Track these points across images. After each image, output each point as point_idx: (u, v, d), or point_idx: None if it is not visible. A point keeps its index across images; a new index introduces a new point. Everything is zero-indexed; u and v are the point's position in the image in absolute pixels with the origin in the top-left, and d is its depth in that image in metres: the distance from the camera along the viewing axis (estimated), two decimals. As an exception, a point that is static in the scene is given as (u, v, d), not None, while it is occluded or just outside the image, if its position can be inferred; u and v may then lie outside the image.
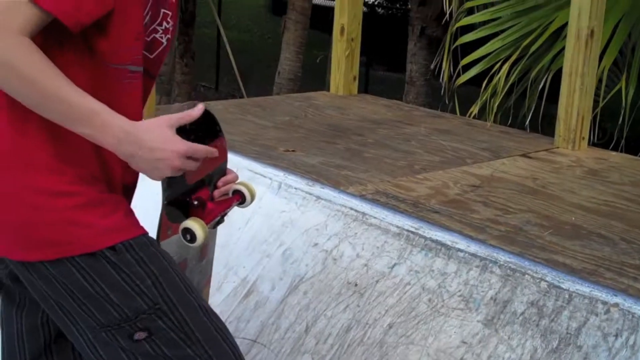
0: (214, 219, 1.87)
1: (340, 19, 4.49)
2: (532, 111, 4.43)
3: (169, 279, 1.67)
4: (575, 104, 3.54)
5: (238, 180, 1.96)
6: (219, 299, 2.57)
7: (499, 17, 4.73)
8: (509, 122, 4.50)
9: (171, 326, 1.65)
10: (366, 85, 9.91)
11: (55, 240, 1.60)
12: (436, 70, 5.15)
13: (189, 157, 1.59)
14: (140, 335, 1.64)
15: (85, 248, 1.61)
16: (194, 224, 1.74)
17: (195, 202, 1.84)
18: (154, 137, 1.56)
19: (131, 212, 1.73)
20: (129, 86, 1.67)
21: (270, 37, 15.10)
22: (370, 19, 9.99)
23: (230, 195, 1.95)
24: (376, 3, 13.48)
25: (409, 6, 7.42)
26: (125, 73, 1.65)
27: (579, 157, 3.45)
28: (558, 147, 3.57)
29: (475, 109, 4.32)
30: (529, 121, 4.42)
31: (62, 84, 1.51)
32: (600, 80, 4.01)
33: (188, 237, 1.74)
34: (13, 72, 1.48)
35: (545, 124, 4.33)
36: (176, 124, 1.60)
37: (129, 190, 1.80)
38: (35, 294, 1.70)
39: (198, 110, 1.65)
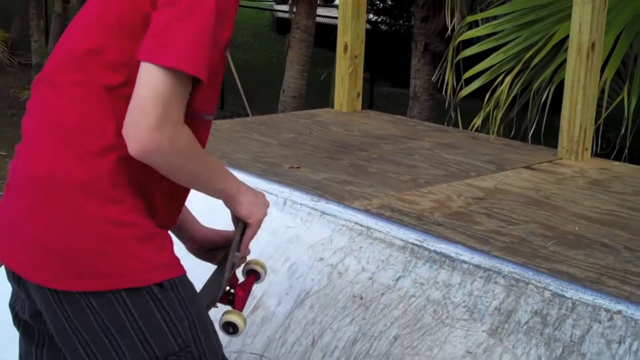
0: (244, 305, 1.92)
1: (343, 37, 4.51)
2: (534, 123, 4.45)
3: (202, 322, 1.68)
4: (577, 116, 3.55)
5: (249, 258, 1.99)
6: (226, 315, 2.59)
7: (501, 31, 4.75)
8: (512, 134, 4.52)
9: None
10: (370, 102, 9.96)
11: (106, 271, 1.57)
12: (439, 84, 5.17)
13: None
14: None
15: (134, 282, 1.58)
16: (235, 318, 1.84)
17: (227, 287, 1.88)
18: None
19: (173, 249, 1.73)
20: (203, 135, 1.69)
21: (274, 55, 15.19)
22: (373, 35, 10.06)
23: (245, 275, 1.99)
24: (379, 20, 13.55)
25: (412, 22, 7.46)
26: (202, 122, 1.68)
27: (582, 167, 3.47)
28: (561, 159, 3.59)
29: (478, 121, 4.34)
30: (532, 133, 4.44)
31: (208, 157, 1.67)
32: (602, 91, 4.03)
33: (230, 329, 1.84)
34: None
35: (548, 136, 4.34)
36: None
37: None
38: (57, 328, 1.64)
39: None
